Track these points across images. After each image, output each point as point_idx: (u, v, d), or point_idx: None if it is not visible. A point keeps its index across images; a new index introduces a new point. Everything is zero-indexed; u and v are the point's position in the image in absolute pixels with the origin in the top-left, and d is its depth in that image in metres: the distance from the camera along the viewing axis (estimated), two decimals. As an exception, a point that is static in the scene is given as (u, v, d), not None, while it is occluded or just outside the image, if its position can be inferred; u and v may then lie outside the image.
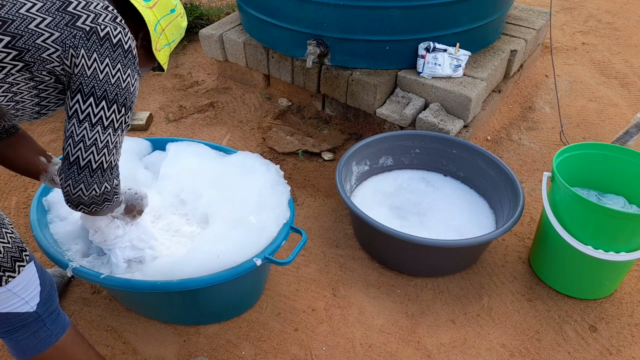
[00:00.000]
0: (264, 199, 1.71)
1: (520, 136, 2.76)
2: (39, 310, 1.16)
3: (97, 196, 1.12)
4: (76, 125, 1.06)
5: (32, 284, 1.14)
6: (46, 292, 1.18)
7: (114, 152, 1.12)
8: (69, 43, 1.02)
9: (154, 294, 1.63)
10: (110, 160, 1.12)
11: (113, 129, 1.10)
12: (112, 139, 1.10)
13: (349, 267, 2.02)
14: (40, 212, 1.69)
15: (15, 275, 1.09)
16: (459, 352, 1.71)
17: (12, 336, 1.16)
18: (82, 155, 1.07)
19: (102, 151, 1.09)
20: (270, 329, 1.78)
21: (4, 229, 1.09)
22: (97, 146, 1.08)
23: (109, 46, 1.05)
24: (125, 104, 1.11)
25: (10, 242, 1.09)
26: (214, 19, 3.67)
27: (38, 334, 1.18)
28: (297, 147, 2.62)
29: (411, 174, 2.40)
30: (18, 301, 1.12)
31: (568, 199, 1.69)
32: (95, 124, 1.07)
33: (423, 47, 2.40)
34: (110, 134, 1.09)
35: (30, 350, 1.18)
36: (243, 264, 1.49)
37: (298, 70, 2.72)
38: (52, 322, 1.20)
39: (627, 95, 3.09)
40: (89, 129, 1.06)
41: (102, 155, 1.09)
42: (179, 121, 2.89)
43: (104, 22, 1.05)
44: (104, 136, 1.08)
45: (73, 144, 1.07)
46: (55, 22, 1.01)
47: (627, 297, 1.90)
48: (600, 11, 4.08)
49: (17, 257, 1.10)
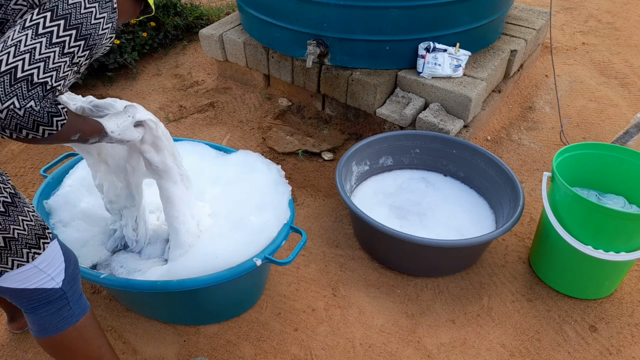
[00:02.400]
0: (265, 198, 1.71)
1: (520, 136, 2.76)
2: (64, 287, 1.19)
3: (20, 115, 0.89)
4: (18, 31, 0.92)
5: (57, 260, 1.17)
6: (71, 269, 1.21)
7: (53, 75, 0.93)
8: None
9: (154, 294, 1.63)
10: (45, 79, 0.91)
11: (60, 50, 0.94)
12: (54, 59, 0.93)
13: (349, 267, 2.02)
14: (40, 213, 1.69)
15: (40, 252, 1.12)
16: (459, 352, 1.71)
17: (37, 312, 1.19)
18: (6, 59, 0.89)
19: (37, 64, 0.90)
20: (270, 329, 1.78)
21: (26, 207, 1.11)
22: (32, 55, 0.90)
23: None
24: (80, 30, 0.97)
25: (34, 220, 1.12)
26: (214, 19, 3.68)
27: (61, 312, 1.21)
28: (297, 147, 2.62)
29: (411, 174, 2.40)
30: (44, 277, 1.15)
31: (568, 199, 1.69)
32: (40, 34, 0.92)
33: (423, 47, 2.40)
34: (55, 53, 0.93)
35: (52, 327, 1.21)
36: (243, 264, 1.49)
37: (298, 70, 2.72)
38: (75, 302, 1.23)
39: (627, 95, 3.09)
40: (31, 37, 0.91)
41: (33, 67, 0.90)
42: (179, 121, 2.89)
43: None
44: (45, 49, 0.92)
45: (2, 48, 0.89)
46: None
47: (627, 297, 1.90)
48: (600, 11, 4.08)
49: (40, 234, 1.12)
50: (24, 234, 1.08)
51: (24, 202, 1.11)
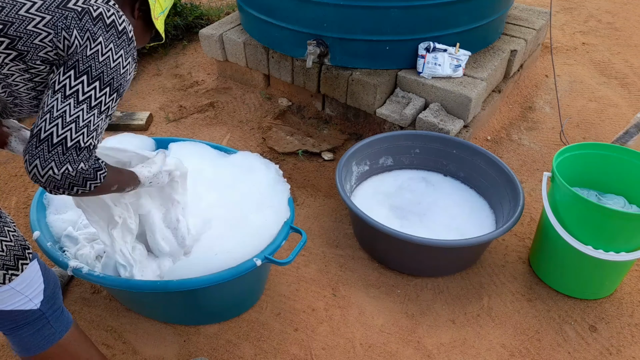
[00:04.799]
0: (264, 198, 1.71)
1: (520, 136, 2.76)
2: (43, 308, 1.16)
3: (73, 177, 1.01)
4: (60, 100, 1.00)
5: (35, 281, 1.14)
6: (50, 290, 1.18)
7: (94, 135, 1.04)
8: (60, 25, 0.99)
9: (154, 294, 1.63)
10: (89, 142, 1.03)
11: (99, 110, 1.04)
12: (94, 121, 1.04)
13: (349, 267, 2.02)
14: (40, 212, 1.69)
15: (18, 273, 1.09)
16: (459, 352, 1.71)
17: (16, 333, 1.17)
18: (57, 131, 0.99)
19: (81, 130, 1.02)
20: (270, 329, 1.78)
21: (6, 227, 1.09)
22: (77, 124, 1.01)
23: (102, 26, 1.02)
24: (111, 85, 1.05)
25: (13, 241, 1.10)
26: (214, 19, 3.67)
27: (42, 331, 1.18)
28: (297, 147, 2.62)
29: (411, 174, 2.40)
30: (22, 299, 1.12)
31: (568, 199, 1.69)
32: (81, 102, 1.01)
33: (423, 47, 2.40)
34: (94, 115, 1.03)
35: (33, 347, 1.18)
36: (243, 264, 1.49)
37: (298, 70, 2.72)
38: (56, 320, 1.20)
39: (627, 95, 3.09)
40: (74, 106, 1.01)
41: (79, 134, 1.01)
42: (179, 121, 2.89)
43: (97, 4, 1.03)
44: (87, 115, 1.02)
45: (50, 119, 0.99)
46: (45, 5, 0.99)
47: (627, 297, 1.90)
48: (600, 11, 4.07)
49: (20, 255, 1.10)
50: (2, 254, 1.06)
51: (4, 221, 1.10)
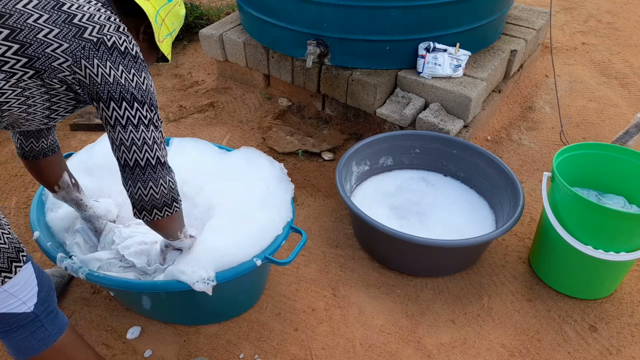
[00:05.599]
0: (268, 194, 1.71)
1: (520, 136, 2.76)
2: (37, 311, 1.16)
3: (165, 193, 1.19)
4: (121, 131, 1.12)
5: (29, 284, 1.14)
6: (44, 293, 1.18)
7: (162, 147, 1.19)
8: (79, 54, 1.05)
9: (154, 294, 1.63)
10: (163, 154, 1.19)
11: (154, 126, 1.16)
12: (156, 135, 1.17)
13: (349, 267, 2.02)
14: (40, 212, 1.69)
15: (11, 276, 1.09)
16: (459, 352, 1.71)
17: (10, 336, 1.16)
18: (139, 156, 1.14)
19: (153, 147, 1.16)
20: (270, 329, 1.78)
21: (1, 230, 1.09)
22: (147, 144, 1.14)
23: (118, 54, 1.09)
24: (153, 103, 1.16)
25: (7, 243, 1.09)
26: (214, 19, 3.67)
27: (36, 334, 1.18)
28: (297, 147, 2.62)
29: (411, 174, 2.40)
30: (15, 302, 1.12)
31: (568, 199, 1.69)
32: (137, 125, 1.13)
33: (423, 47, 2.40)
34: (153, 131, 1.16)
35: (28, 350, 1.18)
36: (243, 264, 1.49)
37: (298, 70, 2.72)
38: (50, 323, 1.20)
39: (627, 95, 3.09)
40: (134, 131, 1.12)
41: (155, 151, 1.16)
42: (179, 121, 2.89)
43: (109, 33, 1.08)
44: (148, 134, 1.14)
45: (126, 149, 1.13)
46: (63, 34, 1.03)
47: (627, 297, 1.90)
48: (600, 11, 4.07)
49: (13, 257, 1.10)
50: None
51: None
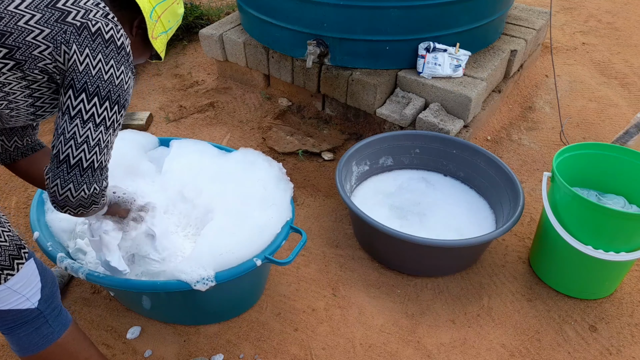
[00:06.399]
0: (268, 193, 1.71)
1: (520, 136, 2.76)
2: (41, 307, 1.17)
3: (85, 198, 1.07)
4: (68, 121, 1.03)
5: (32, 280, 1.14)
6: (48, 289, 1.19)
7: (105, 151, 1.08)
8: (59, 39, 1.00)
9: (154, 294, 1.63)
10: (101, 160, 1.07)
11: (105, 127, 1.06)
12: (103, 138, 1.06)
13: (349, 267, 2.02)
14: (40, 212, 1.69)
15: (14, 273, 1.10)
16: (459, 352, 1.71)
17: (14, 333, 1.17)
18: (72, 153, 1.03)
19: (94, 150, 1.05)
20: (270, 329, 1.78)
21: (0, 227, 1.09)
22: (88, 144, 1.04)
23: (101, 42, 1.03)
24: (119, 102, 1.07)
25: (8, 241, 1.10)
26: (214, 19, 3.67)
27: (40, 330, 1.18)
28: (297, 147, 2.62)
29: (411, 174, 2.40)
30: (19, 298, 1.12)
31: (568, 199, 1.69)
32: (86, 120, 1.03)
33: (423, 47, 2.40)
34: (102, 132, 1.06)
35: (32, 347, 1.18)
36: (243, 264, 1.49)
37: (298, 70, 2.72)
38: (54, 319, 1.21)
39: (627, 95, 3.09)
40: (81, 126, 1.03)
41: (93, 154, 1.05)
42: (179, 121, 2.89)
43: (95, 18, 1.03)
44: (95, 134, 1.04)
45: (64, 141, 1.03)
46: (45, 19, 0.99)
47: (627, 297, 1.90)
48: (600, 11, 4.07)
49: (15, 254, 1.10)
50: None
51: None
